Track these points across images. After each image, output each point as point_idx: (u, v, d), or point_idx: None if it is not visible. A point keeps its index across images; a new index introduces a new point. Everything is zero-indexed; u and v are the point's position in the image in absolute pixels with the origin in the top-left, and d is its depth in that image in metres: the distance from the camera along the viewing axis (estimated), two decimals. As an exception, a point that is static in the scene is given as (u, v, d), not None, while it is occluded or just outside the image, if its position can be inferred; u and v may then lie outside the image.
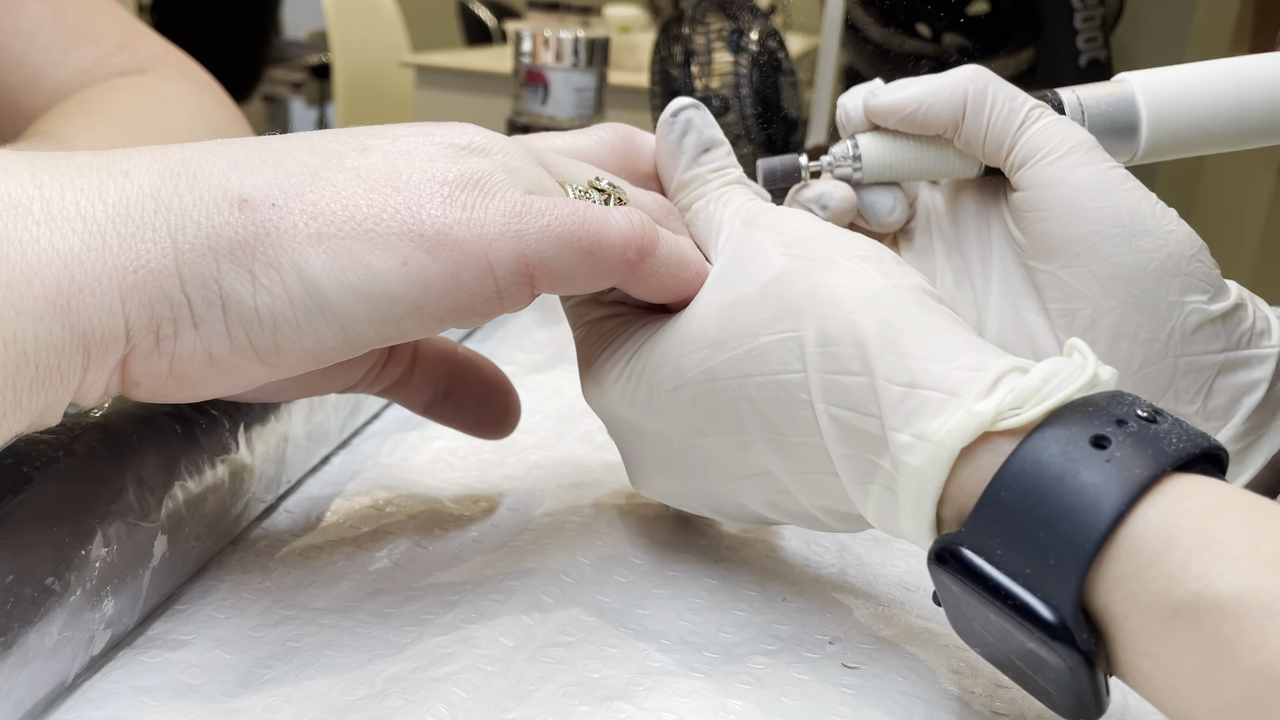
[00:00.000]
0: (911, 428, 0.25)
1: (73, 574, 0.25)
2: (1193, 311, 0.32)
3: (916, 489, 0.25)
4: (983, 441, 0.25)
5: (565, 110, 0.94)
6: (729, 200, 0.32)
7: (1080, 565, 0.22)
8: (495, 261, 0.26)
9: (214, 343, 0.24)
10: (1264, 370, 0.33)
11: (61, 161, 0.24)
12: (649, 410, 0.31)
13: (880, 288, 0.27)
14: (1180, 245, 0.32)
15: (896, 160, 0.36)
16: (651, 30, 1.96)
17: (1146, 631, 0.22)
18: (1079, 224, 0.33)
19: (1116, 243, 0.32)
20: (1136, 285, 0.32)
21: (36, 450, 0.26)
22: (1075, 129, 0.34)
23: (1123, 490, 0.22)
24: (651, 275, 0.29)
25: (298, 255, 0.24)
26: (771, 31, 0.91)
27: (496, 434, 0.38)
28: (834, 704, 0.29)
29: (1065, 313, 0.34)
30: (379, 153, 0.26)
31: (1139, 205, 0.32)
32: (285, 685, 0.28)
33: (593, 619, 0.32)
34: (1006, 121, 0.34)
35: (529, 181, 0.28)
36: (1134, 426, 0.23)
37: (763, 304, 0.28)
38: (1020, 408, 0.24)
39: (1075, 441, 0.23)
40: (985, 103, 0.34)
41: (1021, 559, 0.23)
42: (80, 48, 0.52)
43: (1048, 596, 0.23)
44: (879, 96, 0.35)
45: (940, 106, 0.34)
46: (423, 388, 0.35)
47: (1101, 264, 0.32)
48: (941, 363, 0.26)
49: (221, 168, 0.25)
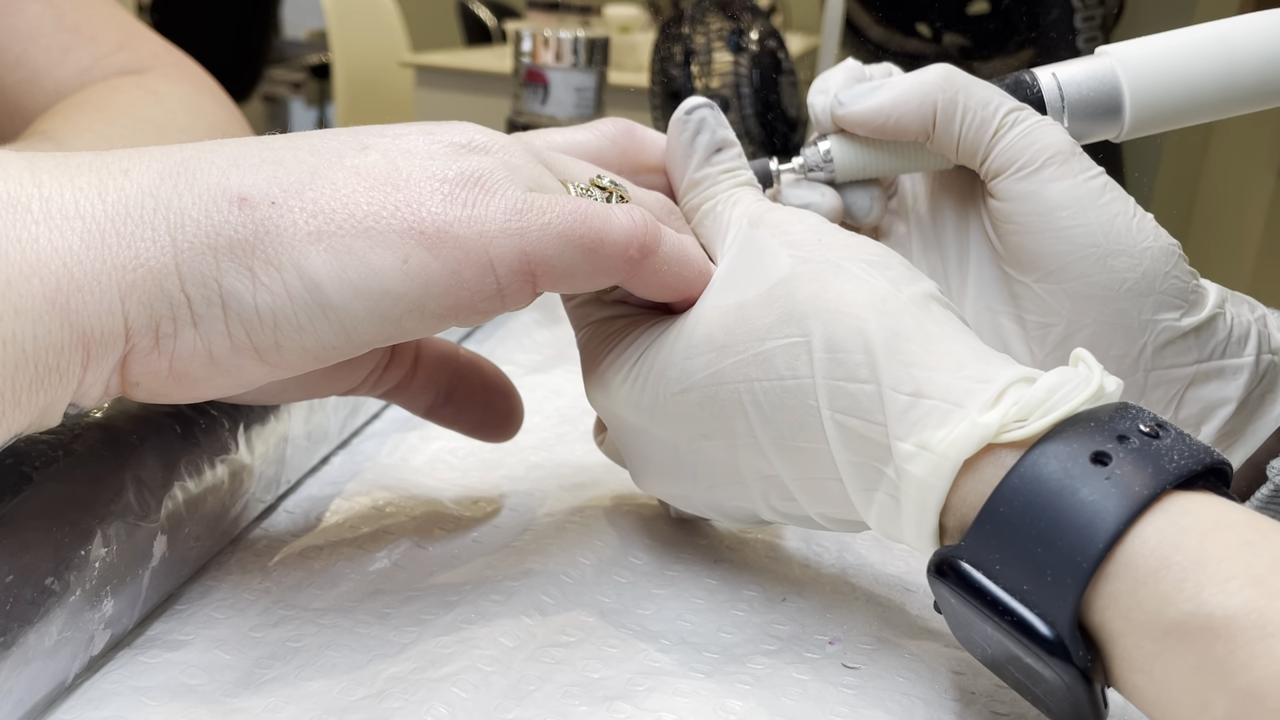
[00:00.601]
0: (915, 437, 0.25)
1: (72, 574, 0.25)
2: (1165, 329, 0.32)
3: (919, 499, 0.25)
4: (986, 453, 0.25)
5: (565, 110, 0.94)
6: (738, 201, 0.32)
7: (1078, 583, 0.22)
8: (496, 259, 0.26)
9: (214, 341, 0.24)
10: (1236, 384, 0.33)
11: (61, 161, 0.24)
12: (654, 414, 0.31)
13: (887, 294, 0.27)
14: (1155, 263, 0.32)
15: (869, 162, 0.35)
16: (651, 30, 1.96)
17: (1140, 649, 0.22)
18: (1053, 242, 0.32)
19: (1090, 263, 0.32)
20: (1110, 305, 0.32)
21: (36, 450, 0.26)
22: (1053, 133, 0.32)
23: (1121, 508, 0.22)
24: (654, 274, 0.29)
25: (298, 253, 0.24)
26: (771, 31, 0.91)
27: (499, 437, 0.37)
28: (834, 704, 0.29)
29: (1040, 325, 0.33)
30: (379, 151, 0.26)
31: (1114, 221, 0.32)
32: (285, 685, 0.28)
33: (593, 619, 0.32)
34: (979, 131, 0.33)
35: (530, 179, 0.27)
36: (1136, 443, 0.23)
37: (769, 307, 0.28)
38: (1025, 420, 0.24)
39: (1076, 458, 0.23)
40: (955, 112, 0.33)
41: (1019, 575, 0.23)
42: (80, 48, 0.52)
43: (1045, 613, 0.23)
44: (846, 107, 0.34)
45: (909, 118, 0.33)
46: (425, 390, 0.35)
47: (1075, 283, 0.32)
48: (948, 372, 0.25)
49: (221, 166, 0.25)
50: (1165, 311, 0.32)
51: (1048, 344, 0.33)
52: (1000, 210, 0.33)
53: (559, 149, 0.32)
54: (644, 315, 0.33)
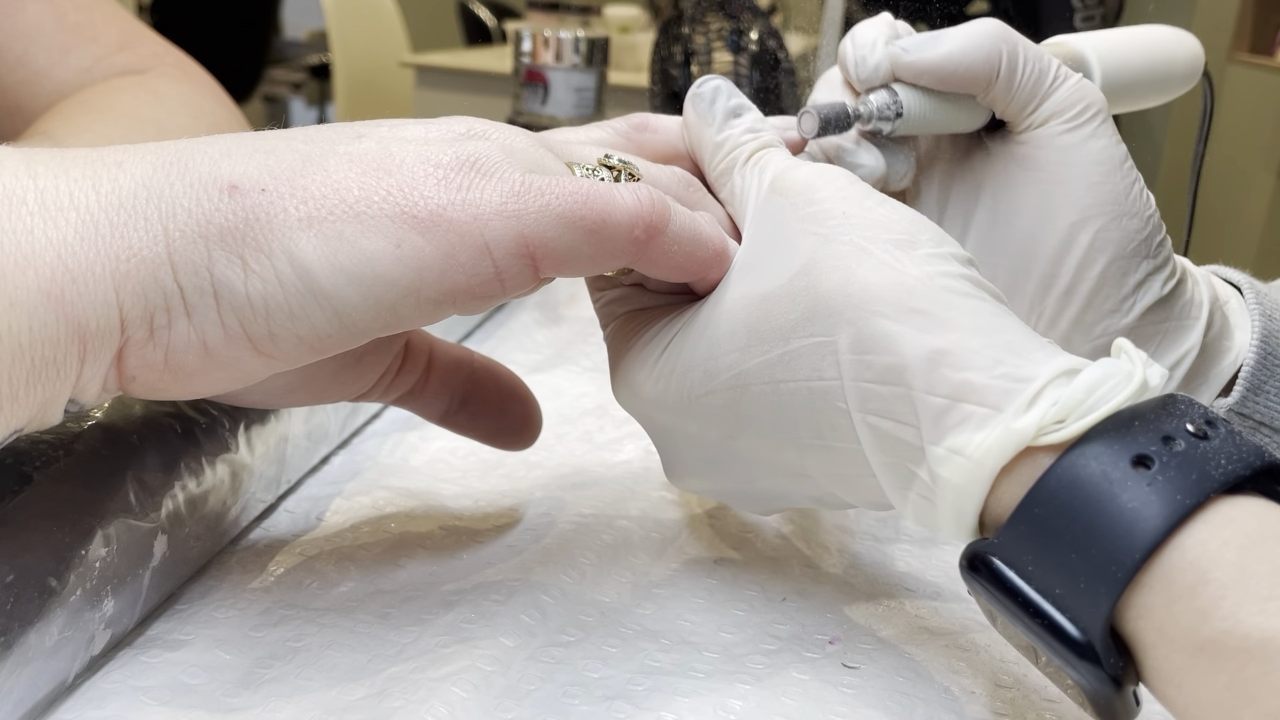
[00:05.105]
0: (949, 442, 0.24)
1: (73, 574, 0.25)
2: (1151, 291, 0.35)
3: (955, 503, 0.25)
4: (1023, 456, 0.24)
5: (565, 110, 0.94)
6: (760, 163, 0.31)
7: (1112, 592, 0.22)
8: (492, 242, 0.25)
9: (208, 331, 0.24)
10: (1194, 338, 0.36)
11: (56, 155, 0.24)
12: (682, 413, 0.30)
13: (914, 284, 0.26)
14: (1155, 230, 0.35)
15: (928, 114, 0.35)
16: (651, 30, 1.96)
17: (1171, 662, 0.21)
18: (1083, 195, 0.34)
19: (1109, 220, 0.34)
20: (1115, 263, 0.34)
21: (37, 450, 0.26)
22: (1093, 92, 0.35)
23: (1161, 517, 0.21)
24: (664, 254, 0.28)
25: (288, 240, 0.24)
26: (771, 31, 0.91)
27: (516, 444, 0.37)
28: (834, 704, 0.29)
29: (1045, 276, 0.35)
30: (374, 139, 0.26)
31: (1134, 186, 0.34)
32: (285, 685, 0.28)
33: (593, 619, 0.32)
34: (1038, 81, 0.34)
35: (530, 162, 0.27)
36: (1181, 445, 0.22)
37: (792, 302, 0.27)
38: (1064, 420, 0.23)
39: (1116, 461, 0.22)
40: (1019, 61, 0.34)
41: (1052, 578, 0.23)
42: (80, 48, 0.52)
43: (1076, 618, 0.22)
44: (912, 54, 0.34)
45: (978, 66, 0.34)
46: (439, 396, 0.35)
47: (1091, 236, 0.34)
48: (983, 371, 0.25)
49: (213, 156, 0.25)
50: (1155, 275, 0.35)
51: (1052, 295, 0.35)
52: (1033, 159, 0.35)
53: None
54: (668, 306, 0.32)
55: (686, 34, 0.91)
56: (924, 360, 0.25)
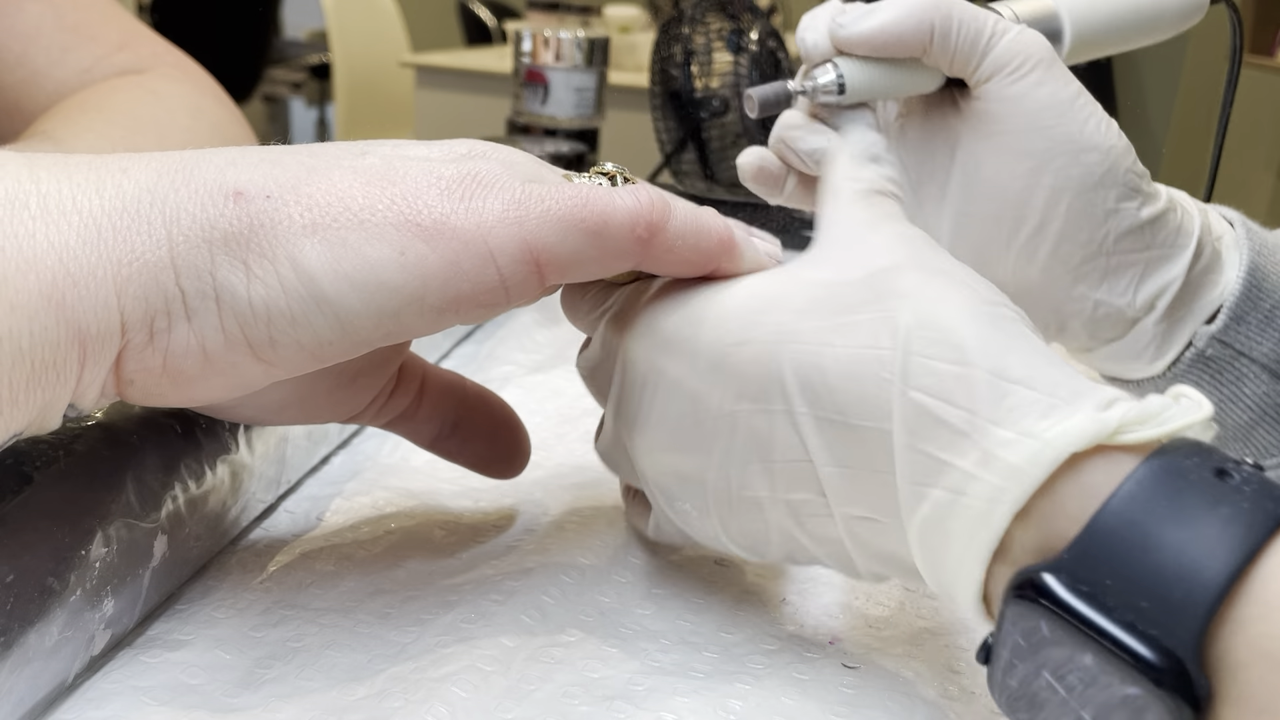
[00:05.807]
0: (1015, 425, 0.23)
1: (73, 574, 0.25)
2: (1125, 216, 0.37)
3: (998, 493, 0.23)
4: (1095, 455, 0.22)
5: (565, 110, 0.94)
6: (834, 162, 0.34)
7: (1209, 601, 0.20)
8: (496, 249, 0.25)
9: (207, 336, 0.24)
10: (1180, 265, 0.37)
11: (59, 160, 0.24)
12: (697, 359, 0.29)
13: (988, 309, 0.26)
14: (1119, 158, 0.37)
15: (875, 80, 0.38)
16: (651, 30, 1.96)
17: (1266, 683, 0.19)
18: (1037, 140, 0.36)
19: (1068, 158, 0.36)
20: (1080, 196, 0.36)
21: (37, 450, 0.26)
22: (1037, 41, 0.37)
23: (1259, 523, 0.20)
24: (668, 250, 0.28)
25: (292, 246, 0.24)
26: (771, 31, 0.91)
27: (504, 472, 0.37)
28: (834, 704, 0.29)
29: (1015, 219, 0.37)
30: (378, 155, 0.26)
31: (1088, 122, 0.36)
32: (285, 685, 0.28)
33: (593, 619, 0.32)
34: (974, 41, 0.37)
35: (529, 174, 0.27)
36: (1247, 467, 0.22)
37: (865, 288, 0.27)
38: (1145, 423, 0.22)
39: (1201, 470, 0.21)
40: (951, 25, 0.36)
41: (1136, 594, 0.21)
42: (80, 48, 0.52)
43: (1159, 639, 0.20)
44: (848, 28, 0.37)
45: (910, 33, 0.36)
46: (430, 420, 0.35)
47: (1053, 176, 0.36)
48: (1055, 367, 0.24)
49: (218, 164, 0.25)
50: (1126, 201, 0.37)
51: (1022, 234, 0.37)
52: (986, 112, 0.37)
53: None
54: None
55: (686, 34, 0.91)
56: (989, 345, 0.25)
